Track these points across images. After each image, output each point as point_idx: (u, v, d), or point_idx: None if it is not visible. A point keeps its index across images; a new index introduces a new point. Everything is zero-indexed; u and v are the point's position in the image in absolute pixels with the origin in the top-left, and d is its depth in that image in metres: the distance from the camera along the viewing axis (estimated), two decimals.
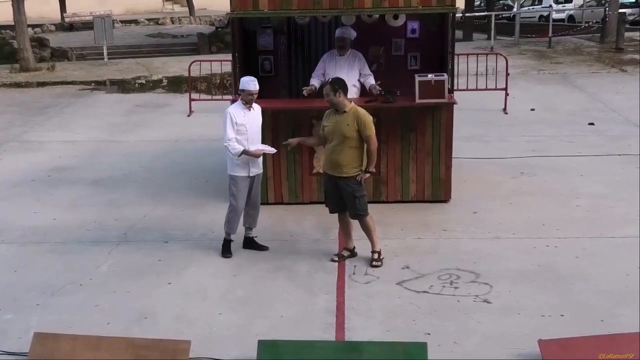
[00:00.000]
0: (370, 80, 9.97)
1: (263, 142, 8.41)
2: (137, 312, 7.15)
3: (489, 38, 26.36)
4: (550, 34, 25.92)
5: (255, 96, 8.23)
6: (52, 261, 8.42)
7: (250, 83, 8.15)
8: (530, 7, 41.95)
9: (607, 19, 25.95)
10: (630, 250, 8.32)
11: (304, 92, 9.94)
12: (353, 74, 9.89)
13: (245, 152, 8.11)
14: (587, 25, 29.91)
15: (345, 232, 8.31)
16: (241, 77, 9.55)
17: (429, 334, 6.58)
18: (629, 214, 9.44)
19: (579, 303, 7.14)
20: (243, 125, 8.12)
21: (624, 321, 6.69)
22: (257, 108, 8.36)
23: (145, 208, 10.07)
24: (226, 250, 8.45)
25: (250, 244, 8.60)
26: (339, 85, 7.88)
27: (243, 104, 8.22)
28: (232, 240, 8.49)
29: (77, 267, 8.21)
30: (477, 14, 32.96)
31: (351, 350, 6.28)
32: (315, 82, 10.03)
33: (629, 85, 18.15)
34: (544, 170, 11.37)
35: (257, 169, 8.37)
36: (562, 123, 14.39)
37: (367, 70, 10.08)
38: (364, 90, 10.08)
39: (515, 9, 34.50)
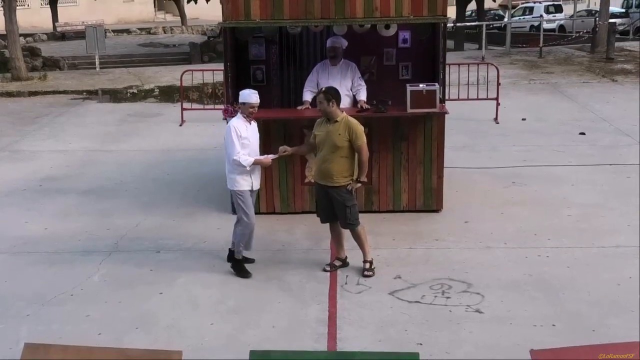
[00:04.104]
0: (362, 95, 9.94)
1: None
2: (128, 322, 7.13)
3: (480, 48, 26.47)
4: (541, 44, 26.05)
5: (257, 109, 8.12)
6: (43, 271, 8.39)
7: (252, 95, 8.04)
8: (521, 17, 42.13)
9: (597, 29, 26.09)
10: (622, 259, 8.35)
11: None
12: (346, 84, 9.90)
13: (256, 162, 8.03)
14: (577, 35, 30.07)
15: (337, 241, 8.31)
16: (233, 86, 9.57)
17: (420, 344, 6.58)
18: (620, 224, 9.47)
19: (571, 313, 7.16)
20: (246, 138, 7.99)
21: (615, 331, 6.70)
22: (253, 122, 8.23)
23: (136, 218, 10.05)
24: (244, 270, 8.12)
25: (231, 258, 8.36)
26: (333, 94, 7.89)
27: (244, 117, 8.07)
28: (248, 259, 8.28)
29: (68, 277, 8.18)
30: (468, 23, 33.07)
31: None
32: (308, 97, 10.03)
33: (619, 95, 18.25)
34: (535, 179, 11.39)
35: (258, 182, 8.28)
36: (553, 133, 14.44)
37: (360, 81, 10.06)
38: (355, 100, 10.07)
39: (506, 19, 34.65)
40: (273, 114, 10.17)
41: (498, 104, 15.93)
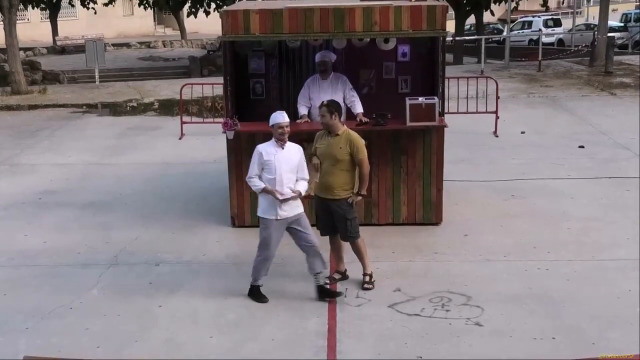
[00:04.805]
0: (358, 107, 9.95)
1: None
2: (127, 335, 7.11)
3: (479, 61, 26.52)
4: (540, 58, 26.11)
5: (287, 129, 7.63)
6: (42, 284, 8.38)
7: (277, 116, 7.68)
8: (520, 31, 42.28)
9: (596, 43, 26.15)
10: (621, 273, 8.34)
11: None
12: (337, 97, 9.86)
13: (264, 190, 7.60)
14: (576, 49, 30.13)
15: (336, 254, 8.31)
16: (232, 100, 9.60)
17: (420, 357, 6.57)
18: (620, 237, 9.46)
19: (570, 326, 7.14)
20: (271, 163, 7.57)
21: (615, 344, 6.68)
22: (292, 147, 7.71)
23: (136, 231, 10.04)
24: (260, 295, 7.79)
25: (322, 292, 7.80)
26: (335, 107, 7.92)
27: (275, 141, 7.66)
28: (261, 285, 7.85)
29: (67, 290, 8.16)
30: (467, 37, 33.14)
31: None
32: (304, 110, 10.07)
33: (618, 109, 18.27)
34: (535, 192, 11.39)
35: (287, 211, 7.61)
36: (552, 146, 14.46)
37: (352, 92, 10.04)
38: (349, 114, 10.04)
39: (505, 33, 34.78)
40: None
41: (497, 118, 15.94)
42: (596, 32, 27.07)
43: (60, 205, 11.35)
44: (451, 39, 28.45)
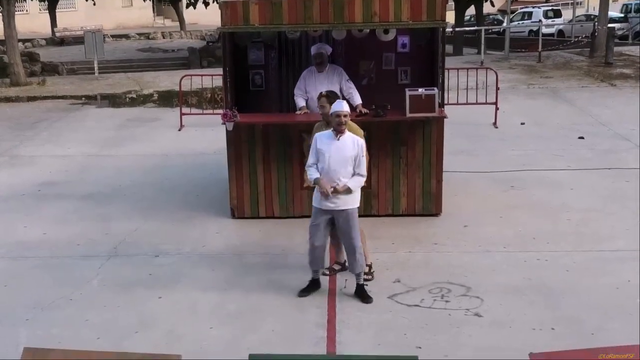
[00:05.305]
0: (356, 99, 9.93)
1: (252, 157, 8.17)
2: (127, 326, 7.12)
3: (479, 52, 26.50)
4: (539, 49, 26.08)
5: (345, 119, 7.38)
6: (41, 276, 8.38)
7: (336, 104, 7.50)
8: (520, 22, 42.20)
9: (596, 34, 26.13)
10: (621, 263, 8.35)
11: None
12: (334, 88, 9.83)
13: (316, 182, 7.45)
14: (576, 40, 30.09)
15: (336, 245, 8.29)
16: (232, 91, 9.59)
17: (420, 347, 6.58)
18: (619, 228, 9.47)
19: (570, 316, 7.15)
20: (323, 152, 7.40)
21: (614, 335, 6.69)
22: (348, 139, 7.42)
23: (135, 222, 10.04)
24: (305, 289, 7.71)
25: (358, 291, 7.65)
26: (334, 97, 7.93)
27: (332, 130, 7.47)
28: (318, 279, 7.74)
29: (67, 281, 8.17)
30: (467, 28, 33.11)
31: None
32: (303, 102, 10.04)
33: (618, 99, 18.27)
34: (534, 184, 11.40)
35: (333, 203, 7.40)
36: (552, 137, 14.46)
37: (349, 84, 10.01)
38: (351, 105, 10.02)
39: (505, 24, 34.71)
40: (272, 119, 10.18)
41: (497, 109, 15.94)
42: (596, 23, 27.03)
43: (59, 196, 11.35)
44: (451, 29, 28.40)
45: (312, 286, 7.74)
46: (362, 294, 7.61)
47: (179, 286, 8.02)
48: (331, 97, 7.91)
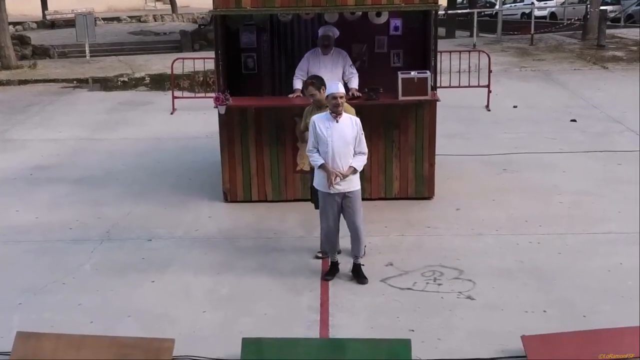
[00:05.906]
0: (353, 83, 9.89)
1: (245, 140, 8.21)
2: (120, 310, 7.12)
3: (471, 35, 26.43)
4: (532, 31, 26.04)
5: (342, 100, 7.39)
6: (34, 260, 8.37)
7: (332, 85, 7.50)
8: (512, 5, 42.08)
9: (588, 16, 26.09)
10: (613, 246, 8.39)
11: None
12: (337, 72, 9.85)
13: (322, 167, 7.43)
14: (568, 22, 30.02)
15: None
16: (224, 74, 9.56)
17: (412, 330, 6.60)
18: (611, 210, 9.50)
19: (562, 299, 7.18)
20: (323, 136, 7.38)
21: (606, 317, 6.73)
22: (347, 120, 7.44)
23: (128, 206, 10.03)
24: (329, 272, 7.75)
25: (355, 273, 7.74)
26: (322, 82, 7.92)
27: (329, 112, 7.47)
28: (337, 262, 7.80)
29: (60, 265, 8.16)
30: (459, 11, 33.01)
31: (335, 347, 6.29)
32: (299, 85, 9.96)
33: (610, 82, 18.28)
34: (527, 167, 11.41)
35: (341, 186, 7.44)
36: (544, 120, 14.46)
37: (352, 69, 9.98)
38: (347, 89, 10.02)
39: (497, 7, 34.62)
40: (264, 102, 10.15)
41: (489, 92, 15.93)
42: (589, 6, 26.98)
43: (51, 180, 11.31)
44: (443, 12, 28.34)
45: (334, 269, 7.79)
46: (358, 274, 7.67)
47: (171, 270, 8.03)
48: (317, 82, 7.90)
